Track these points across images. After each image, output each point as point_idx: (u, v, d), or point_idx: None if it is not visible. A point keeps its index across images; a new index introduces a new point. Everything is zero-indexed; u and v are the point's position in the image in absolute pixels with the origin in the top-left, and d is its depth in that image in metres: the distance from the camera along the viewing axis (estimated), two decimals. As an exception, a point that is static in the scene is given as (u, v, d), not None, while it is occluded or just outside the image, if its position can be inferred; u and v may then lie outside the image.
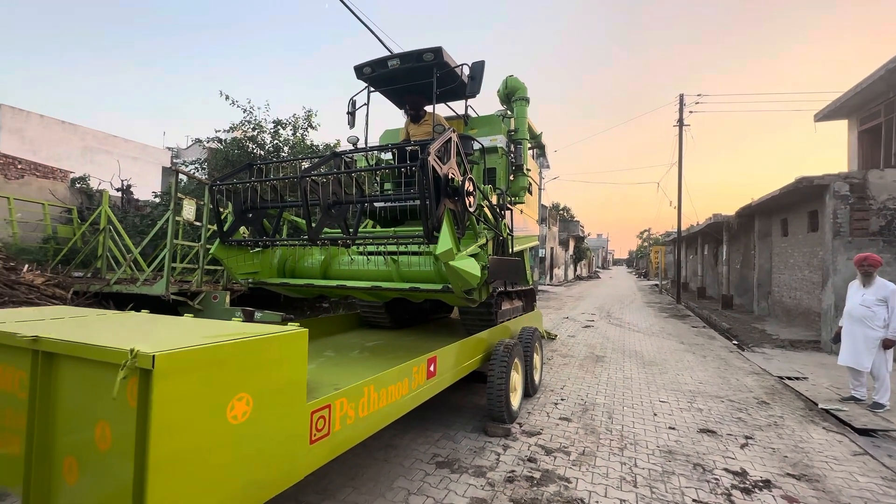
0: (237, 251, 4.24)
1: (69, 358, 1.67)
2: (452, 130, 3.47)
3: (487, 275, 3.80)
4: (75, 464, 1.63)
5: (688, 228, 21.77)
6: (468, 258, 3.43)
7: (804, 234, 10.94)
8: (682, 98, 19.69)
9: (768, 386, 6.22)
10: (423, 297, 4.34)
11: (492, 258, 3.96)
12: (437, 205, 3.14)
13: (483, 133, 5.70)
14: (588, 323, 12.39)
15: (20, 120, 16.92)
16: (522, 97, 6.15)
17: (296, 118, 12.19)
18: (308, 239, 3.63)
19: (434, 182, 3.09)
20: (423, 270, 4.12)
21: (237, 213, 4.02)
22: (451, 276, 3.38)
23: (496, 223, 4.48)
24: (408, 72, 4.91)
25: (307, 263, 4.74)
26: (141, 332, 1.89)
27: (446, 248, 3.09)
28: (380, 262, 4.35)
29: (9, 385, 1.87)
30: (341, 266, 4.62)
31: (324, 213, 3.54)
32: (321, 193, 3.49)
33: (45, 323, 2.09)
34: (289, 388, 1.98)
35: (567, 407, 5.13)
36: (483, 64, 4.71)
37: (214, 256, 4.24)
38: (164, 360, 1.44)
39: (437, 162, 3.15)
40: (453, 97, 5.76)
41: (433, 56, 4.67)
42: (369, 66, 5.01)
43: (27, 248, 8.91)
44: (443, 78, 4.88)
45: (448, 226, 3.17)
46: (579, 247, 46.68)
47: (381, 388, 2.73)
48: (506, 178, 5.70)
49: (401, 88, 5.28)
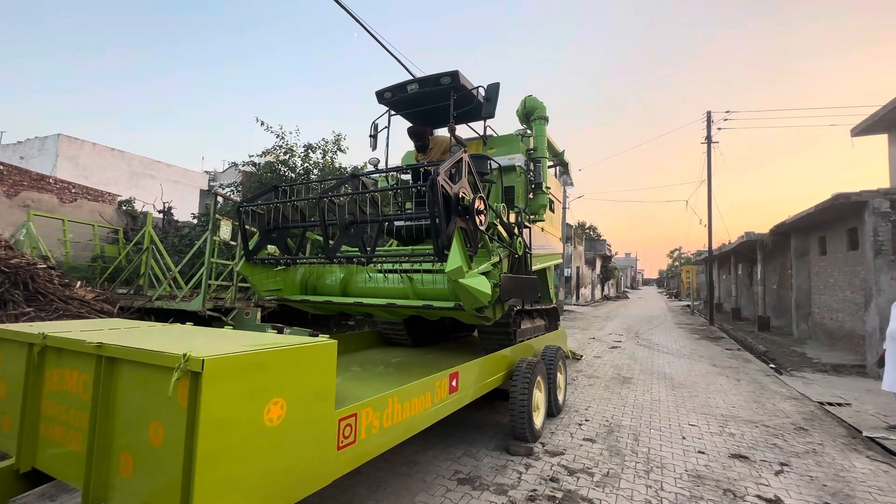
0: (262, 269, 4.41)
1: (128, 362, 1.86)
2: (464, 151, 3.53)
3: (500, 293, 3.80)
4: (130, 459, 1.80)
5: (719, 247, 21.11)
6: (479, 276, 3.43)
7: (844, 253, 10.49)
8: (710, 115, 19.44)
9: (807, 412, 5.94)
10: (438, 315, 4.37)
11: (504, 276, 3.96)
12: (448, 223, 3.19)
13: (502, 152, 5.79)
14: (615, 344, 12.12)
15: (75, 147, 18.31)
16: (541, 116, 6.23)
17: (325, 142, 12.73)
18: (325, 256, 3.76)
19: (444, 201, 3.14)
20: (437, 288, 4.16)
21: (262, 232, 4.21)
22: (461, 294, 3.39)
23: (511, 241, 4.50)
24: (426, 95, 5.06)
25: (328, 281, 4.85)
26: (189, 341, 2.07)
27: (455, 265, 3.11)
28: (397, 281, 4.43)
29: (74, 387, 2.08)
30: (359, 284, 4.72)
31: (341, 231, 3.68)
32: (338, 213, 3.65)
33: (105, 332, 2.31)
34: (319, 395, 2.11)
35: (591, 428, 5.06)
36: (498, 86, 4.81)
37: (240, 274, 4.37)
38: (213, 364, 1.60)
39: (447, 182, 3.20)
40: (471, 118, 5.86)
41: (450, 80, 4.79)
42: (389, 90, 5.20)
43: (77, 267, 9.56)
44: (459, 101, 5.00)
45: (458, 244, 3.20)
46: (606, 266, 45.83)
47: (405, 401, 2.83)
48: (524, 197, 5.76)
49: (420, 112, 5.46)
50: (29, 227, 8.78)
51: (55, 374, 2.21)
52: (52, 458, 2.18)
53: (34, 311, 4.96)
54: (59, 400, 2.17)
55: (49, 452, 2.19)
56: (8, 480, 2.30)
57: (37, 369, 2.25)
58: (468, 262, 3.33)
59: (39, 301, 5.25)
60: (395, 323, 5.58)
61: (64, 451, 2.10)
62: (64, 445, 2.10)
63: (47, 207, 11.17)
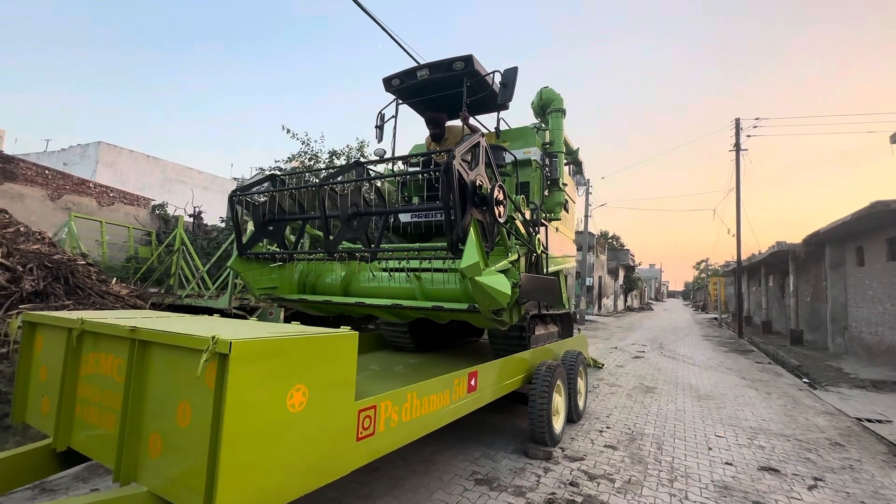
0: (256, 265, 4.09)
1: (160, 346, 1.94)
2: (482, 135, 3.25)
3: (519, 294, 3.46)
4: (159, 439, 1.87)
5: (748, 258, 20.41)
6: (497, 274, 3.12)
7: (883, 264, 10.01)
8: (738, 122, 18.94)
9: (843, 427, 5.66)
10: (448, 318, 4.02)
11: (524, 275, 3.63)
12: (464, 215, 2.90)
13: (517, 146, 5.42)
14: (638, 354, 11.83)
15: (114, 155, 19.21)
16: (558, 108, 5.87)
17: (349, 148, 12.98)
18: (325, 251, 3.47)
19: (460, 189, 2.85)
20: (447, 288, 3.80)
21: (257, 225, 3.92)
22: (477, 294, 3.07)
23: (529, 238, 4.19)
24: (437, 82, 4.74)
25: (328, 280, 4.50)
26: (218, 327, 2.15)
27: (472, 261, 2.81)
28: (403, 280, 4.08)
29: (108, 370, 2.18)
30: (362, 283, 4.37)
31: (343, 224, 3.39)
32: (340, 204, 3.38)
33: (138, 320, 2.41)
34: (340, 384, 2.15)
35: (613, 435, 4.95)
36: (516, 70, 4.45)
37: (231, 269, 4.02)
38: (240, 347, 1.66)
39: (464, 167, 2.92)
40: (484, 108, 5.49)
41: (463, 65, 4.48)
42: (398, 77, 4.89)
43: (113, 266, 10.00)
44: (473, 87, 4.67)
45: (475, 237, 2.90)
46: (630, 276, 44.88)
47: (423, 396, 2.84)
48: (540, 193, 5.38)
49: (430, 100, 5.08)
50: (70, 226, 9.25)
51: (91, 357, 2.32)
52: (86, 438, 2.28)
53: (73, 304, 5.21)
54: (94, 383, 2.27)
55: (84, 433, 2.30)
56: (45, 460, 2.42)
57: (75, 353, 2.37)
58: (485, 259, 3.03)
59: (78, 295, 5.51)
60: (398, 325, 5.24)
61: (98, 432, 2.19)
62: (98, 427, 2.20)
63: (87, 210, 11.74)
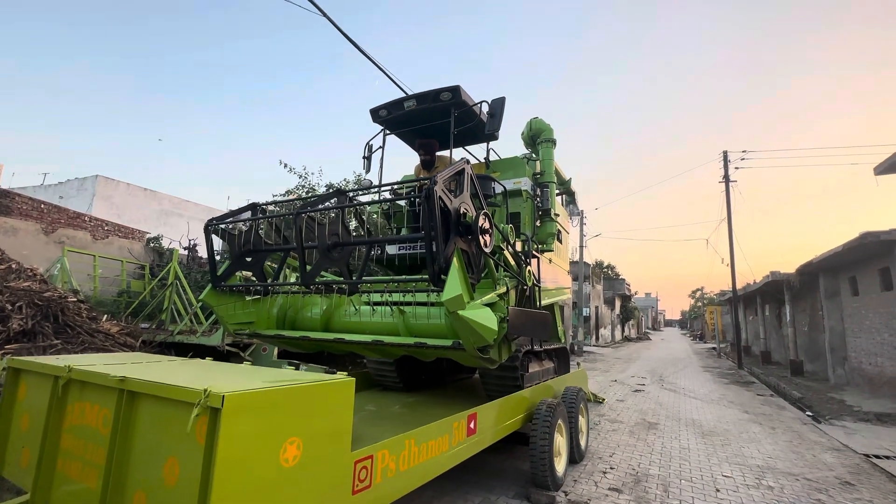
0: (231, 298, 3.86)
1: (150, 397, 1.87)
2: (466, 162, 3.14)
3: (507, 329, 3.26)
4: (144, 498, 1.77)
5: (744, 287, 20.47)
6: (483, 308, 2.94)
7: (877, 294, 10.06)
8: (726, 154, 19.45)
9: (852, 464, 5.51)
10: (434, 356, 3.79)
11: (512, 309, 3.40)
12: (447, 244, 2.76)
13: (507, 177, 5.35)
14: (638, 387, 11.63)
15: (111, 188, 19.30)
16: (548, 139, 5.82)
17: (346, 182, 13.12)
18: (302, 283, 3.30)
19: (442, 217, 2.72)
20: (432, 324, 3.54)
21: (235, 255, 3.75)
22: (461, 330, 2.87)
23: (519, 270, 4.01)
24: (424, 113, 4.72)
25: (309, 314, 4.25)
26: (210, 376, 2.08)
27: (455, 293, 2.61)
28: (388, 314, 3.84)
29: (94, 421, 2.09)
30: (344, 317, 4.14)
31: (322, 254, 3.25)
32: (319, 233, 3.25)
33: (127, 366, 2.34)
34: (335, 435, 2.07)
35: (617, 476, 4.78)
36: (503, 101, 4.41)
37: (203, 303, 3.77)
38: (233, 400, 1.60)
39: (447, 193, 2.81)
40: (472, 139, 5.43)
41: (451, 95, 4.45)
42: (385, 108, 4.85)
43: (104, 301, 9.83)
44: (461, 118, 4.63)
45: (459, 268, 2.73)
46: (626, 306, 44.79)
47: (422, 443, 2.74)
48: (531, 224, 5.28)
49: (417, 130, 5.02)
50: (63, 262, 9.15)
51: (77, 407, 2.24)
52: (66, 495, 2.16)
53: (62, 344, 5.08)
54: (78, 434, 2.18)
55: (64, 489, 2.18)
56: (22, 517, 2.29)
57: (60, 402, 2.28)
58: (470, 291, 2.85)
59: (67, 333, 5.38)
60: (384, 363, 5.02)
61: (79, 487, 2.08)
62: (79, 482, 2.09)
63: (81, 244, 11.67)
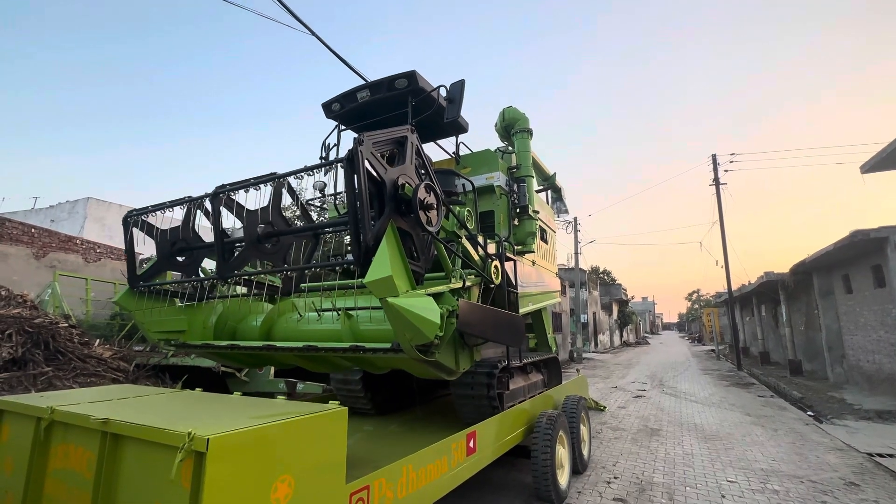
0: (155, 303, 3.33)
1: (133, 440, 1.79)
2: (412, 129, 2.67)
3: (455, 325, 2.67)
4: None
5: (739, 288, 20.57)
6: (423, 297, 2.41)
7: (871, 291, 10.14)
8: (715, 158, 19.71)
9: (856, 464, 5.49)
10: (383, 365, 3.28)
11: (465, 302, 2.81)
12: (378, 220, 2.31)
13: (479, 173, 4.86)
14: (639, 393, 11.58)
15: (103, 210, 19.18)
16: (524, 129, 5.36)
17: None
18: (217, 277, 2.91)
19: (376, 189, 2.31)
20: (384, 329, 3.04)
21: (162, 253, 3.22)
22: (394, 323, 2.34)
23: (484, 265, 3.45)
24: (380, 103, 4.36)
25: (254, 323, 3.68)
26: (196, 412, 2.00)
27: (382, 275, 2.11)
28: (335, 320, 3.37)
29: (77, 465, 1.98)
30: (286, 325, 3.62)
31: (248, 245, 2.82)
32: (247, 219, 2.87)
33: (113, 403, 2.24)
34: (329, 468, 1.99)
35: (621, 486, 4.73)
36: (462, 84, 4.08)
37: (118, 306, 3.33)
38: (217, 443, 1.53)
39: (378, 160, 2.35)
40: (439, 132, 4.95)
41: (406, 82, 4.11)
42: (338, 101, 4.51)
43: (96, 325, 9.70)
44: (419, 106, 4.25)
45: (390, 246, 2.24)
46: (623, 311, 44.81)
47: (420, 467, 2.67)
48: (507, 223, 4.79)
49: (374, 124, 4.56)
50: (54, 286, 9.05)
51: (60, 450, 2.12)
52: (49, 542, 2.06)
53: (53, 371, 4.99)
54: (62, 478, 2.07)
55: None
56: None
57: (43, 445, 2.16)
58: (410, 279, 2.34)
59: (59, 360, 5.29)
60: (349, 382, 4.48)
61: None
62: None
63: (73, 267, 11.55)
